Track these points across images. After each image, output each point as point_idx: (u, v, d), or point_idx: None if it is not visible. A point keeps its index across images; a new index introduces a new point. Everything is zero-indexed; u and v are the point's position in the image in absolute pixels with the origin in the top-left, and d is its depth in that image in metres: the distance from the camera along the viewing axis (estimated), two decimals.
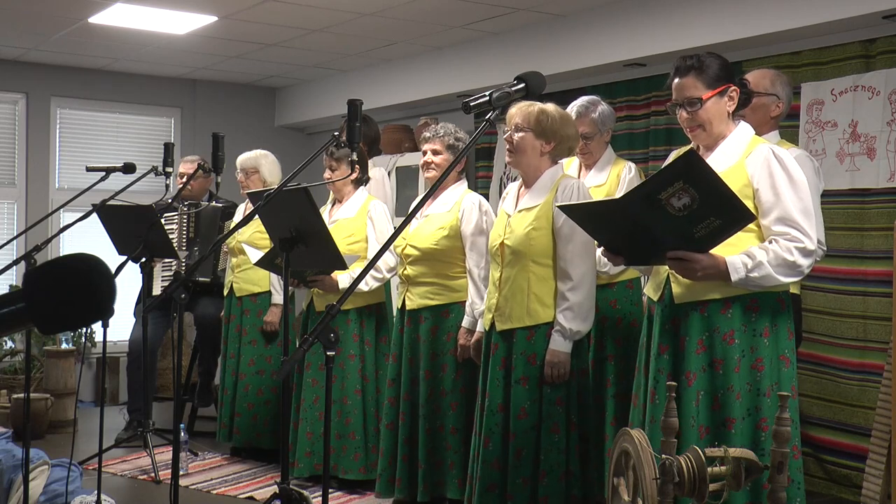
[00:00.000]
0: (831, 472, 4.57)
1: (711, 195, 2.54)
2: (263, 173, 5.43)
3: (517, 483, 3.44)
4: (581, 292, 3.41)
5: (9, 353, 6.65)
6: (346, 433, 4.56)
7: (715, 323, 2.79)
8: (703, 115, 2.84)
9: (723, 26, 4.78)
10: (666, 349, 2.86)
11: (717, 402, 2.77)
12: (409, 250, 4.15)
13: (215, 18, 5.74)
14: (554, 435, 3.42)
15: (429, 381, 4.08)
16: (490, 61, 6.07)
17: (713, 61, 2.86)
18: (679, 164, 2.52)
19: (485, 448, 3.52)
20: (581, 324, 3.42)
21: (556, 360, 3.40)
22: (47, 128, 7.32)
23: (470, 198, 4.13)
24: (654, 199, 2.54)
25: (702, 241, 2.66)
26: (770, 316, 2.80)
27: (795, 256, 2.70)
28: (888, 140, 4.35)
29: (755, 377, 2.77)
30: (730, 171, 2.77)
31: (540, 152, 3.51)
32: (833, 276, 4.59)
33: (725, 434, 2.73)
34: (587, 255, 3.44)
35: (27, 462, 3.62)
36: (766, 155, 2.78)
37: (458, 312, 4.08)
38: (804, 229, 2.72)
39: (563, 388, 3.45)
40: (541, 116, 3.48)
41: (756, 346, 2.78)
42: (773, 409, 2.73)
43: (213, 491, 4.74)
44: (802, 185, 2.77)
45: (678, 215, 2.56)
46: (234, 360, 5.36)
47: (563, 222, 3.40)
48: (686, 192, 2.52)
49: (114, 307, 1.27)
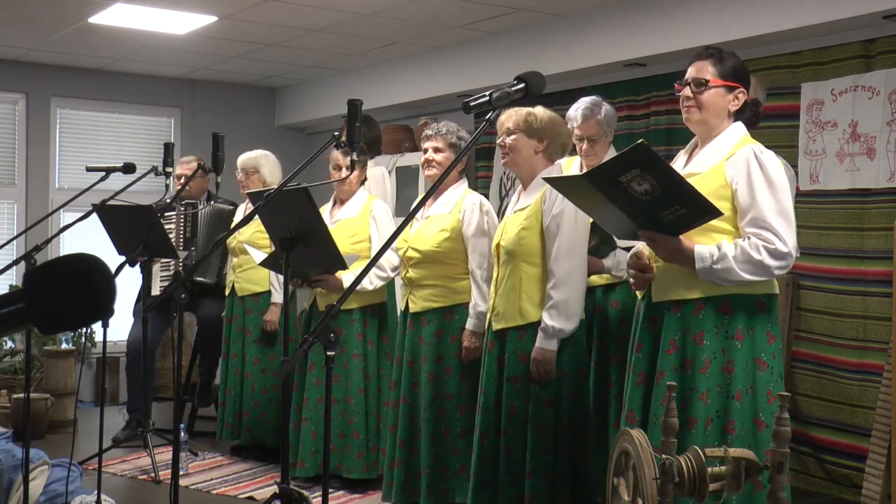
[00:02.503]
0: (831, 472, 4.57)
1: (670, 186, 2.60)
2: (263, 173, 5.43)
3: (506, 481, 3.47)
4: (565, 290, 3.41)
5: (9, 353, 6.65)
6: (349, 432, 4.56)
7: (688, 323, 2.80)
8: (703, 98, 2.87)
9: (723, 26, 4.78)
10: (640, 347, 2.90)
11: (684, 401, 2.77)
12: (410, 253, 4.13)
13: (215, 18, 5.74)
14: (541, 435, 3.42)
15: (433, 385, 4.03)
16: (490, 61, 6.07)
17: (733, 58, 2.92)
18: (631, 153, 2.56)
19: (480, 445, 3.55)
20: (565, 322, 3.41)
21: (541, 357, 3.41)
22: (47, 128, 7.31)
23: (471, 198, 4.12)
24: (615, 181, 2.61)
25: (671, 225, 2.71)
26: (745, 318, 2.79)
27: (763, 256, 2.70)
28: (888, 140, 4.35)
29: (725, 379, 2.77)
30: (709, 173, 2.81)
31: (534, 151, 3.55)
32: (833, 276, 4.59)
33: (686, 434, 2.73)
34: (573, 253, 3.44)
35: (27, 462, 3.62)
36: (747, 156, 2.78)
37: (461, 314, 4.05)
38: (777, 231, 2.71)
39: (552, 387, 3.45)
40: (529, 117, 3.54)
41: (728, 348, 2.78)
42: (742, 412, 2.75)
43: (213, 491, 4.75)
44: (781, 187, 2.77)
45: (643, 199, 2.63)
46: (237, 359, 5.36)
47: (551, 220, 3.43)
48: (645, 179, 2.57)
49: (114, 307, 1.27)
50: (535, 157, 3.55)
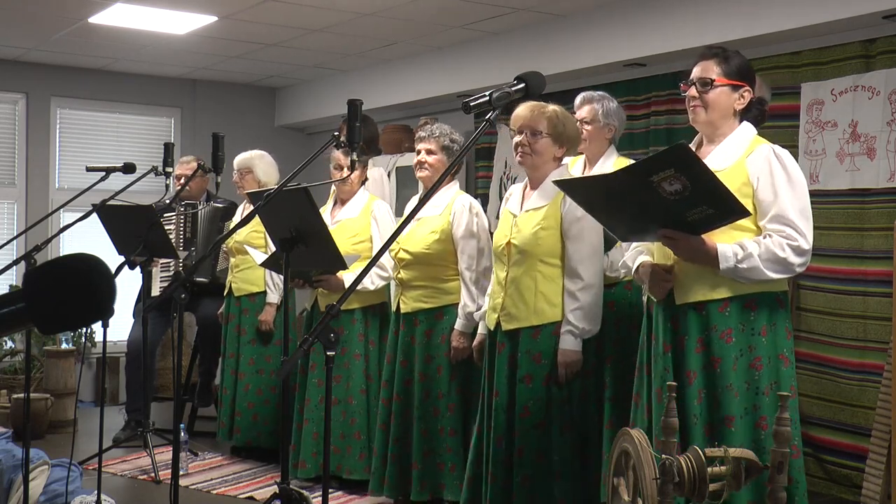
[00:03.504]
0: (831, 472, 4.57)
1: (703, 186, 2.58)
2: (257, 174, 5.43)
3: (518, 482, 3.46)
4: (591, 293, 3.45)
5: (9, 353, 6.65)
6: (350, 433, 4.56)
7: (713, 321, 2.80)
8: (709, 97, 2.88)
9: (723, 26, 4.78)
10: (669, 348, 2.88)
11: (717, 400, 2.78)
12: (402, 254, 4.16)
13: (215, 18, 5.74)
14: (556, 435, 3.43)
15: (423, 384, 4.09)
16: (490, 61, 6.07)
17: (737, 57, 2.93)
18: (670, 153, 2.56)
19: (496, 447, 3.53)
20: (591, 323, 3.46)
21: (570, 359, 3.43)
22: (47, 128, 7.31)
23: (461, 200, 4.13)
24: (647, 181, 2.59)
25: (694, 224, 2.70)
26: (768, 314, 2.81)
27: (787, 253, 2.72)
28: (888, 140, 4.35)
29: (753, 375, 2.78)
30: (730, 170, 2.80)
31: (554, 157, 3.56)
32: (833, 276, 4.59)
33: (726, 432, 2.74)
34: (596, 256, 3.48)
35: (27, 462, 3.62)
36: (767, 154, 2.80)
37: (451, 315, 4.09)
38: (800, 228, 2.73)
39: (565, 388, 3.46)
40: (557, 123, 3.52)
41: (754, 344, 2.79)
42: (771, 407, 2.74)
43: (213, 491, 4.75)
44: (801, 185, 2.79)
45: (671, 199, 2.61)
46: (233, 359, 5.37)
47: (572, 223, 3.44)
48: (678, 179, 2.56)
49: (114, 307, 1.27)
50: (553, 161, 3.57)
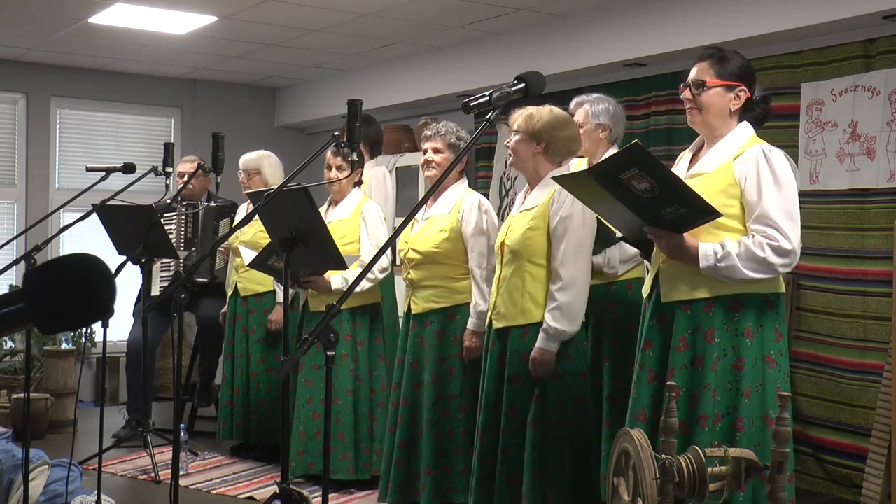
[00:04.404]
0: (831, 472, 4.57)
1: (668, 185, 2.63)
2: (265, 174, 5.42)
3: (502, 480, 3.47)
4: (570, 293, 3.41)
5: (9, 353, 6.65)
6: (335, 433, 4.55)
7: (698, 321, 2.81)
8: (704, 99, 2.89)
9: (723, 26, 4.78)
10: (650, 345, 2.90)
11: (694, 399, 2.78)
12: (411, 254, 4.13)
13: (215, 18, 5.74)
14: (545, 435, 3.42)
15: (435, 385, 4.02)
16: (490, 61, 6.07)
17: (733, 57, 2.93)
18: (627, 153, 2.60)
19: (480, 444, 3.55)
20: (568, 325, 3.41)
21: (540, 357, 3.42)
22: (47, 128, 7.31)
23: (470, 197, 4.11)
24: (616, 178, 2.64)
25: (673, 223, 2.74)
26: (755, 316, 2.80)
27: (767, 253, 2.72)
28: (888, 140, 4.35)
29: (735, 376, 2.78)
30: (716, 172, 2.83)
31: (532, 153, 3.54)
32: (833, 276, 4.59)
33: (698, 431, 2.74)
34: (580, 256, 3.44)
35: (27, 462, 3.62)
36: (757, 155, 2.81)
37: (463, 314, 4.04)
38: (782, 229, 2.73)
39: (556, 388, 3.44)
40: (530, 119, 3.53)
41: (738, 345, 2.79)
42: (751, 409, 2.76)
43: (213, 491, 4.75)
44: (788, 186, 2.79)
45: (644, 196, 2.66)
46: (242, 359, 5.35)
47: (559, 222, 3.42)
48: (643, 178, 2.60)
49: (114, 307, 1.27)
50: (535, 158, 3.54)
